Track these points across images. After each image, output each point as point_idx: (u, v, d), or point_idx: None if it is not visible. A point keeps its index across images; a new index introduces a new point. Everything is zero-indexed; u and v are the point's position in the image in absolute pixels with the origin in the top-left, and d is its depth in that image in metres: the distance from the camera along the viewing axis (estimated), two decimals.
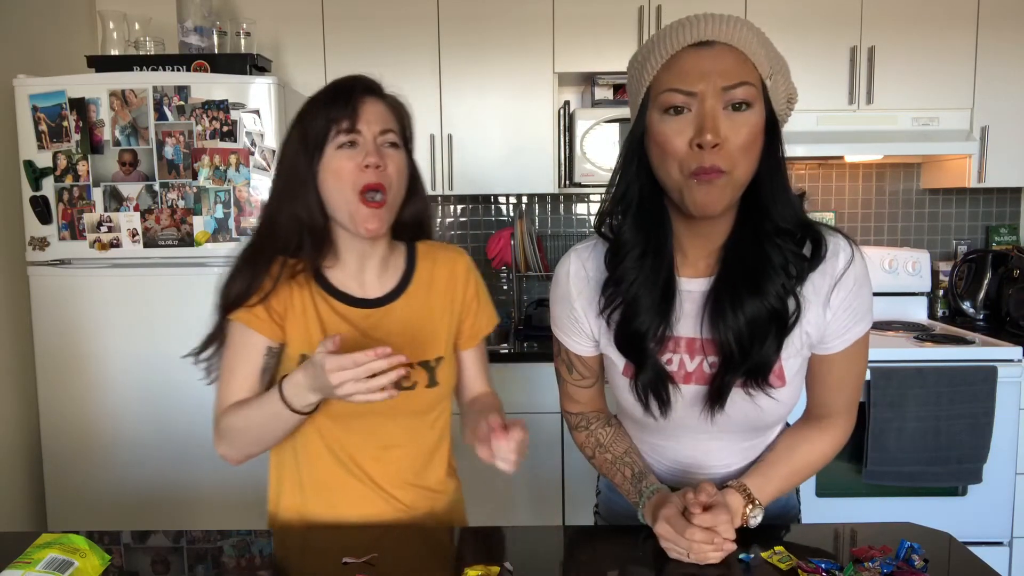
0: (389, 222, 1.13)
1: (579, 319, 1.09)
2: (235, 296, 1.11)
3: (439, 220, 3.05)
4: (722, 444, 1.11)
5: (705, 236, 1.01)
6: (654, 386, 1.03)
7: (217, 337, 1.16)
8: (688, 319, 1.03)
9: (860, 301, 1.02)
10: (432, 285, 1.21)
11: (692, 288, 1.03)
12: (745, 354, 0.97)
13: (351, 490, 1.17)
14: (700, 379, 1.04)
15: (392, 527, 1.21)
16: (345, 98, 1.11)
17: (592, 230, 1.08)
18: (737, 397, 1.02)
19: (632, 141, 0.97)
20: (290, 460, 1.19)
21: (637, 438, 1.17)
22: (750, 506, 1.03)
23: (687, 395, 1.05)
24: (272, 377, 1.15)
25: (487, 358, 1.28)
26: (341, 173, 1.08)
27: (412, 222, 1.20)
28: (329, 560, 1.01)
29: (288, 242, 1.11)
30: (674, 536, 0.97)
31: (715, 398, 1.02)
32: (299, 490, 1.19)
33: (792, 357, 1.03)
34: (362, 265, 1.17)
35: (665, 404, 1.03)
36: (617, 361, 1.07)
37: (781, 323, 0.98)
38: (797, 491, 1.24)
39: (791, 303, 0.98)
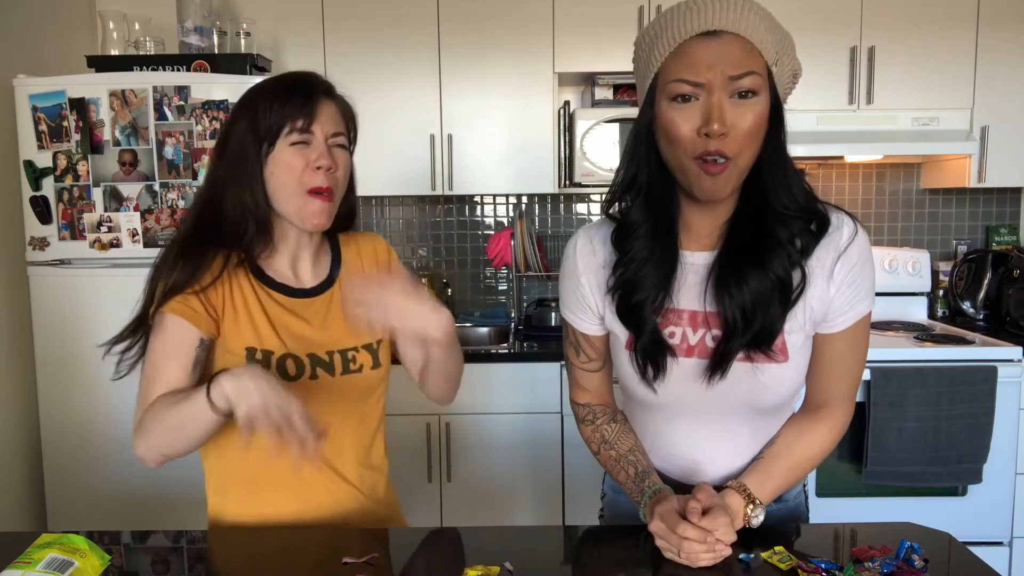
0: (332, 217, 1.14)
1: (585, 295, 1.11)
2: (172, 287, 1.08)
3: (439, 220, 3.05)
4: (723, 429, 1.10)
5: (710, 212, 1.03)
6: (651, 353, 1.04)
7: (139, 329, 1.12)
8: (691, 292, 1.04)
9: (863, 277, 1.03)
10: (361, 271, 1.24)
11: (696, 261, 1.04)
12: (748, 325, 0.98)
13: (300, 478, 1.14)
14: (703, 352, 1.04)
15: (393, 527, 1.21)
16: (304, 97, 1.10)
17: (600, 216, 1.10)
18: (739, 371, 1.02)
19: (641, 126, 1.00)
20: (233, 455, 1.14)
21: (641, 426, 1.17)
22: (751, 506, 1.02)
23: (687, 367, 1.05)
24: (203, 373, 1.11)
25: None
26: (292, 169, 1.09)
27: (344, 215, 1.22)
28: (329, 560, 1.00)
29: (233, 230, 1.10)
30: (666, 533, 0.96)
31: (716, 365, 1.02)
32: (247, 485, 1.15)
33: (795, 332, 1.03)
34: (297, 255, 1.18)
35: (660, 370, 1.04)
36: (620, 335, 1.08)
37: (785, 293, 0.99)
38: (805, 493, 1.23)
39: (796, 274, 0.99)
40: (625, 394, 1.17)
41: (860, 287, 1.03)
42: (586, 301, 1.11)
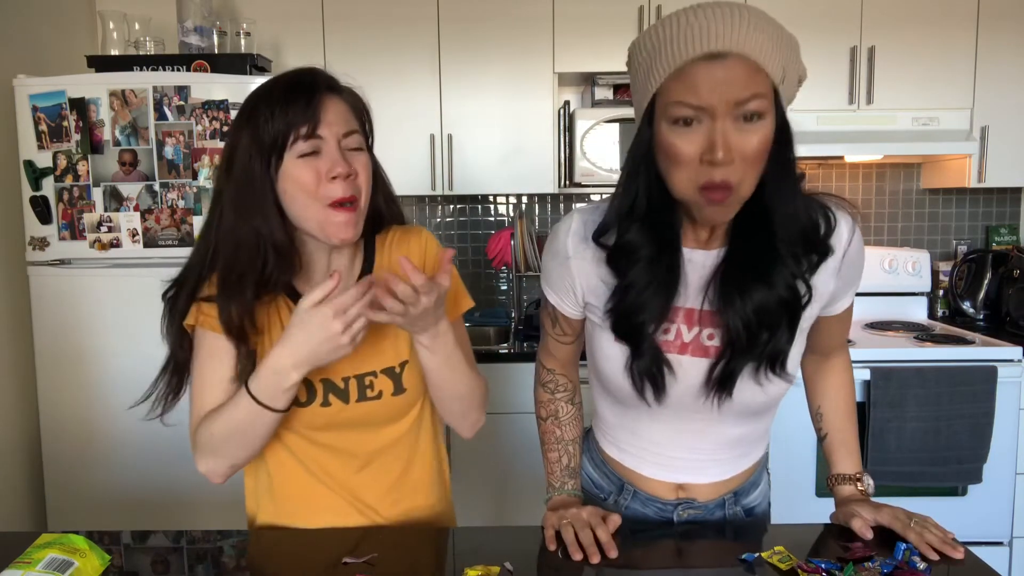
0: (360, 226, 1.03)
1: (571, 281, 1.07)
2: (225, 323, 1.01)
3: (439, 220, 3.05)
4: (710, 431, 1.09)
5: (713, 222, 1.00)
6: (650, 372, 1.00)
7: (172, 362, 1.08)
8: (690, 290, 1.00)
9: (860, 267, 1.07)
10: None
11: (696, 259, 1.01)
12: (752, 340, 0.96)
13: (331, 508, 1.11)
14: (697, 351, 1.02)
15: (392, 527, 1.21)
16: (306, 98, 0.98)
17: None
18: (744, 384, 1.01)
19: (639, 148, 0.94)
20: (264, 481, 1.13)
21: (620, 420, 1.14)
22: (859, 483, 1.13)
23: (681, 366, 1.02)
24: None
25: (467, 342, 1.16)
26: (305, 185, 0.98)
27: (372, 217, 1.09)
28: (329, 560, 1.01)
29: (253, 260, 1.00)
30: (564, 525, 1.03)
31: (722, 384, 1.00)
32: (275, 512, 1.13)
33: (795, 346, 1.02)
34: (331, 268, 1.07)
35: (661, 390, 1.02)
36: (608, 330, 1.04)
37: (793, 311, 0.98)
38: (769, 486, 1.24)
39: (801, 287, 0.97)
40: (607, 389, 1.12)
41: (856, 276, 1.08)
42: (571, 287, 1.08)
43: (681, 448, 1.11)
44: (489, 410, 1.23)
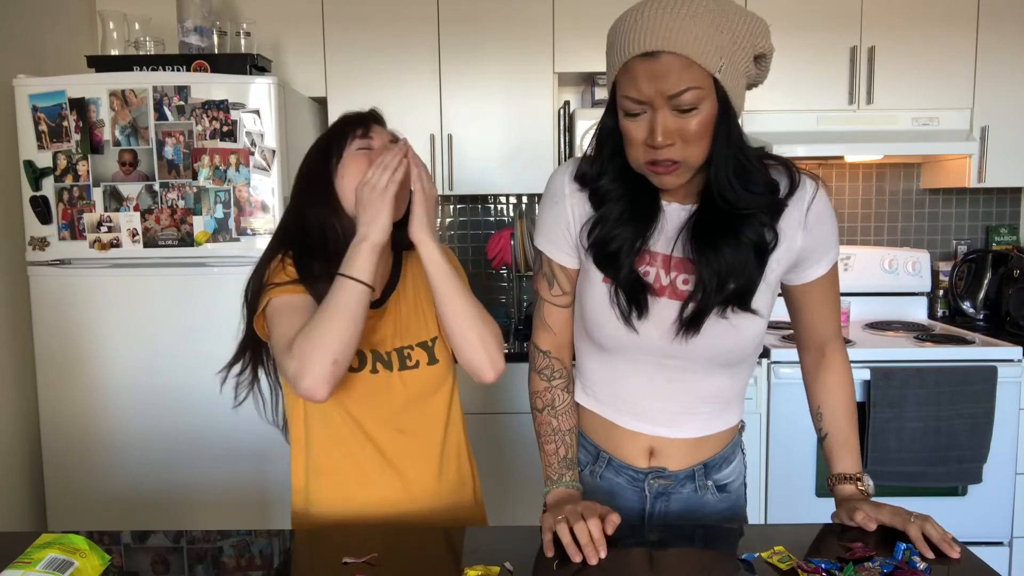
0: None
1: (568, 220, 1.14)
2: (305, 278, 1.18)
3: (439, 220, 3.05)
4: (684, 379, 1.14)
5: (684, 184, 1.06)
6: (631, 291, 1.08)
7: (248, 347, 1.24)
8: (665, 237, 1.09)
9: (831, 227, 1.11)
10: (417, 276, 1.29)
11: (672, 211, 1.09)
12: (722, 286, 1.04)
13: (368, 471, 1.22)
14: (673, 294, 1.09)
15: (391, 527, 1.21)
16: (361, 119, 1.24)
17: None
18: (710, 324, 1.07)
19: (605, 129, 1.07)
20: (312, 455, 1.24)
21: (599, 372, 1.20)
22: (859, 483, 1.14)
23: (660, 307, 1.09)
24: None
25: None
26: (360, 171, 1.18)
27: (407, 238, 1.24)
28: (329, 560, 1.01)
29: (322, 239, 1.20)
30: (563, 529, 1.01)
31: (690, 323, 1.06)
32: (318, 474, 1.24)
33: (762, 290, 1.07)
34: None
35: (644, 308, 1.08)
36: (595, 272, 1.12)
37: (760, 254, 1.05)
38: (745, 485, 1.27)
39: (768, 234, 1.05)
40: (592, 337, 1.17)
41: (829, 236, 1.12)
42: (567, 227, 1.15)
43: (657, 398, 1.16)
44: (489, 410, 1.24)
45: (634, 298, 1.08)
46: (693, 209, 1.08)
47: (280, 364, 1.12)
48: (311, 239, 1.19)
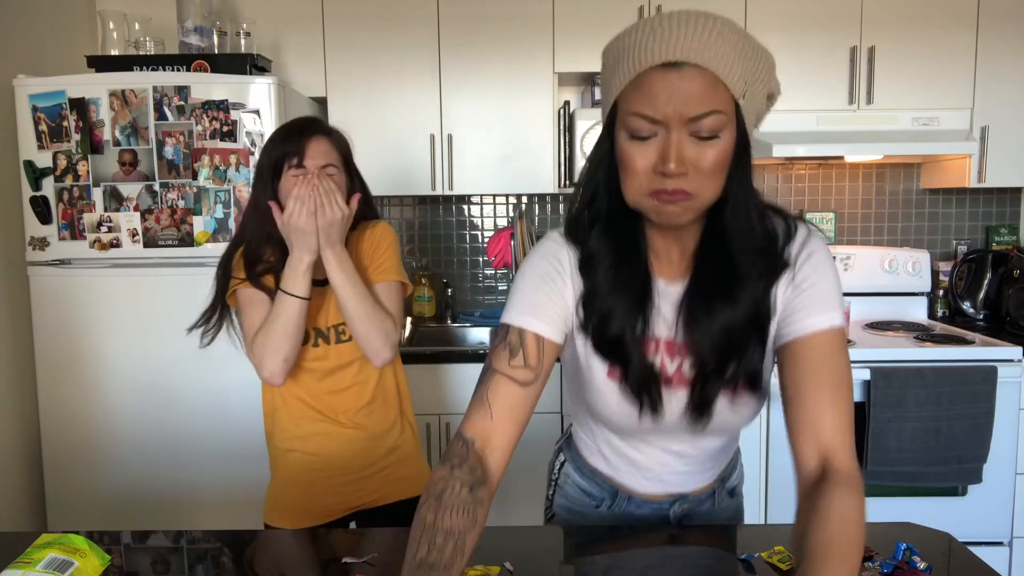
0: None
1: (562, 294, 0.99)
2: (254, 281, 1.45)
3: (439, 220, 3.05)
4: (694, 447, 1.09)
5: (676, 240, 0.97)
6: (646, 384, 0.98)
7: (216, 309, 1.48)
8: (666, 321, 0.99)
9: (830, 277, 0.96)
10: (356, 255, 1.50)
11: (669, 290, 0.99)
12: (722, 361, 0.94)
13: (313, 411, 1.51)
14: (680, 382, 1.00)
15: (392, 527, 1.21)
16: (297, 142, 1.41)
17: None
18: (722, 407, 0.99)
19: (600, 152, 0.93)
20: (279, 405, 1.53)
21: (609, 447, 1.14)
22: None
23: (670, 397, 1.01)
24: None
25: (393, 302, 1.51)
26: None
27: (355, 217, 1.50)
28: (329, 560, 1.01)
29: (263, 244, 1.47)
30: None
31: (700, 409, 0.98)
32: (279, 409, 1.53)
33: (767, 361, 1.00)
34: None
35: (659, 400, 0.99)
36: (598, 367, 1.01)
37: (761, 328, 0.95)
38: (741, 495, 1.24)
39: (766, 302, 0.95)
40: (603, 422, 1.10)
41: (824, 285, 0.95)
42: (563, 302, 0.98)
43: (673, 468, 1.11)
44: None
45: (647, 390, 0.98)
46: (685, 285, 0.98)
47: (246, 351, 1.45)
48: (258, 244, 1.45)
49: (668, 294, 0.99)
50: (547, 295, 0.98)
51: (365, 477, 1.53)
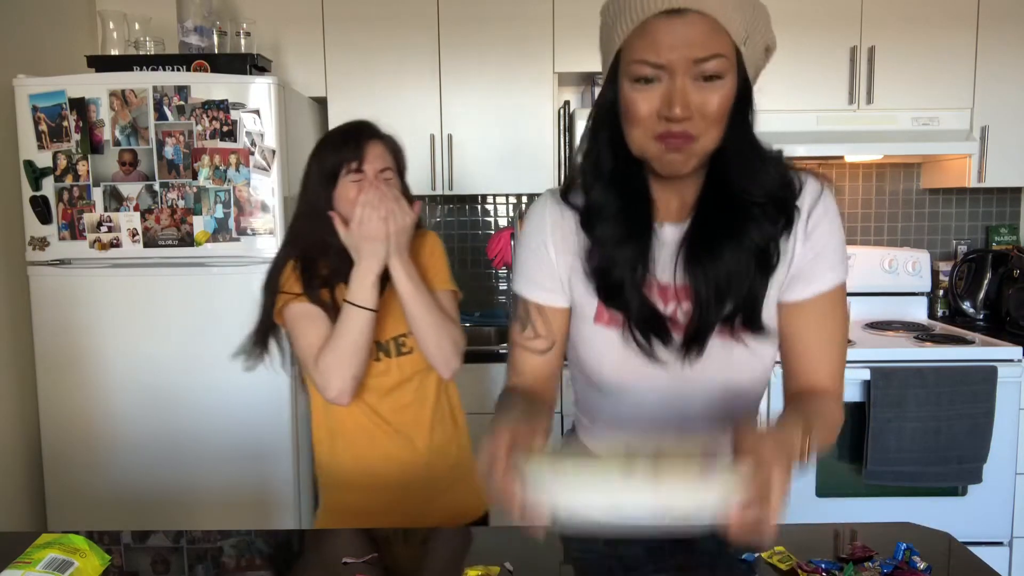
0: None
1: (551, 259, 1.04)
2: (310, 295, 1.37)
3: (439, 220, 3.05)
4: (693, 416, 1.04)
5: (676, 191, 0.99)
6: (652, 326, 0.98)
7: (265, 332, 1.40)
8: (663, 265, 0.99)
9: (836, 236, 0.98)
10: (415, 264, 1.43)
11: (666, 233, 0.99)
12: (722, 299, 0.94)
13: (375, 435, 1.41)
14: (676, 328, 0.99)
15: (391, 527, 1.21)
16: (356, 144, 1.35)
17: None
18: (715, 347, 0.98)
19: (603, 104, 0.95)
20: (331, 413, 1.42)
21: (603, 422, 1.11)
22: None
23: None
24: None
25: (451, 309, 1.47)
26: (352, 198, 1.33)
27: None
28: (329, 560, 1.01)
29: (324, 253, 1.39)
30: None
31: (692, 341, 0.97)
32: (337, 436, 1.43)
33: (767, 307, 0.98)
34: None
35: (667, 335, 0.97)
36: (588, 309, 1.02)
37: (765, 261, 0.95)
38: None
39: (772, 247, 0.95)
40: (594, 382, 1.08)
41: (832, 246, 0.98)
42: (551, 266, 1.04)
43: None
44: (489, 410, 1.23)
45: (655, 331, 0.98)
46: (687, 225, 0.98)
47: (308, 373, 1.35)
48: (312, 255, 1.37)
49: (666, 239, 1.00)
50: (537, 262, 1.06)
51: (429, 499, 1.43)
